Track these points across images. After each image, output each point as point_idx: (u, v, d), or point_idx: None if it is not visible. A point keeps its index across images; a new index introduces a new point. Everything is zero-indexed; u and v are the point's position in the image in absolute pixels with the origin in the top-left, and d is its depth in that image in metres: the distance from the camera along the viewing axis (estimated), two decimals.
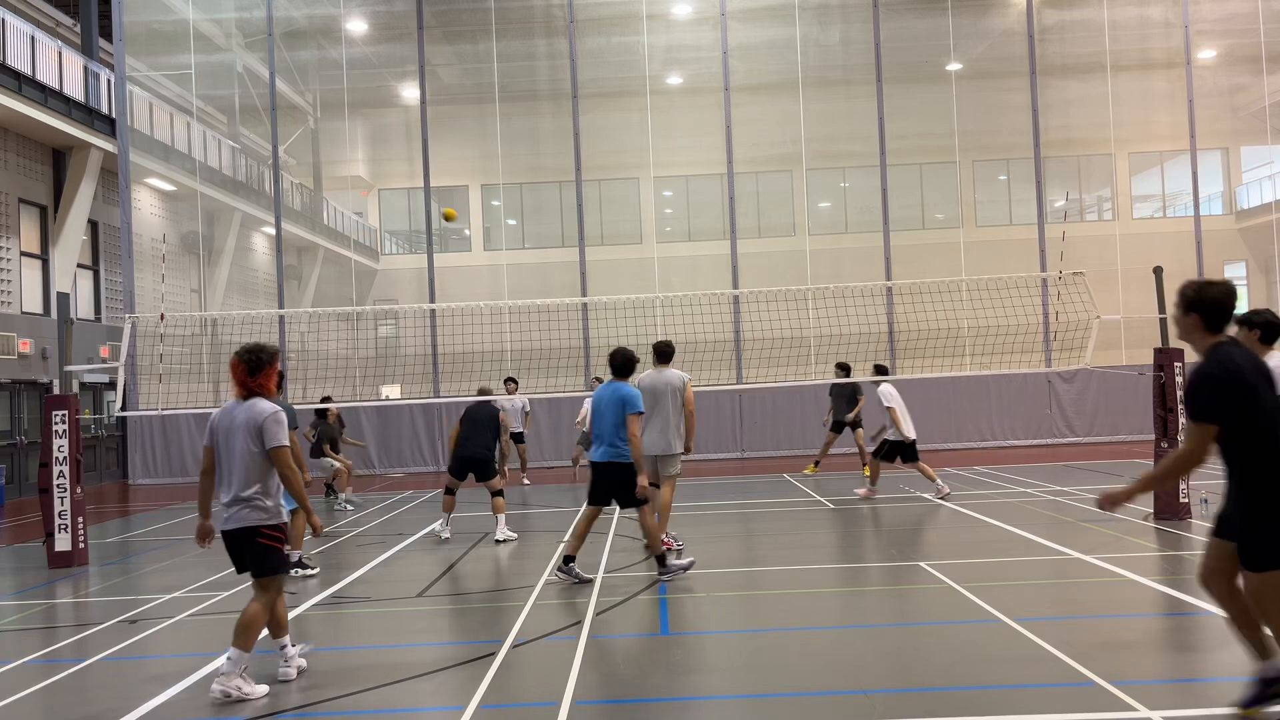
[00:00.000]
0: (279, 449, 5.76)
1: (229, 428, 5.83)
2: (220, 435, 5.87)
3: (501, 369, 18.44)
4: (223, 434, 5.85)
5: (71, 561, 10.73)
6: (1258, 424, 4.37)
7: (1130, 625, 6.78)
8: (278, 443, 5.76)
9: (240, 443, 5.77)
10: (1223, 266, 25.03)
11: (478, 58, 24.82)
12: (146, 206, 23.84)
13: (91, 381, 22.32)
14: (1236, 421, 4.37)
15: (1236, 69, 24.81)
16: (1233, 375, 4.37)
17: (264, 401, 5.88)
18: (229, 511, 5.82)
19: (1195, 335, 4.61)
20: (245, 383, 5.88)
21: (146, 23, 23.55)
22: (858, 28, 23.97)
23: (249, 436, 5.75)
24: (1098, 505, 4.76)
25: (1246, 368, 4.41)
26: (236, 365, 5.90)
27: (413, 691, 5.88)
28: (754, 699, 5.40)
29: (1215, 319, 4.55)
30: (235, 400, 5.95)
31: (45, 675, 6.39)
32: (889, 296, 21.32)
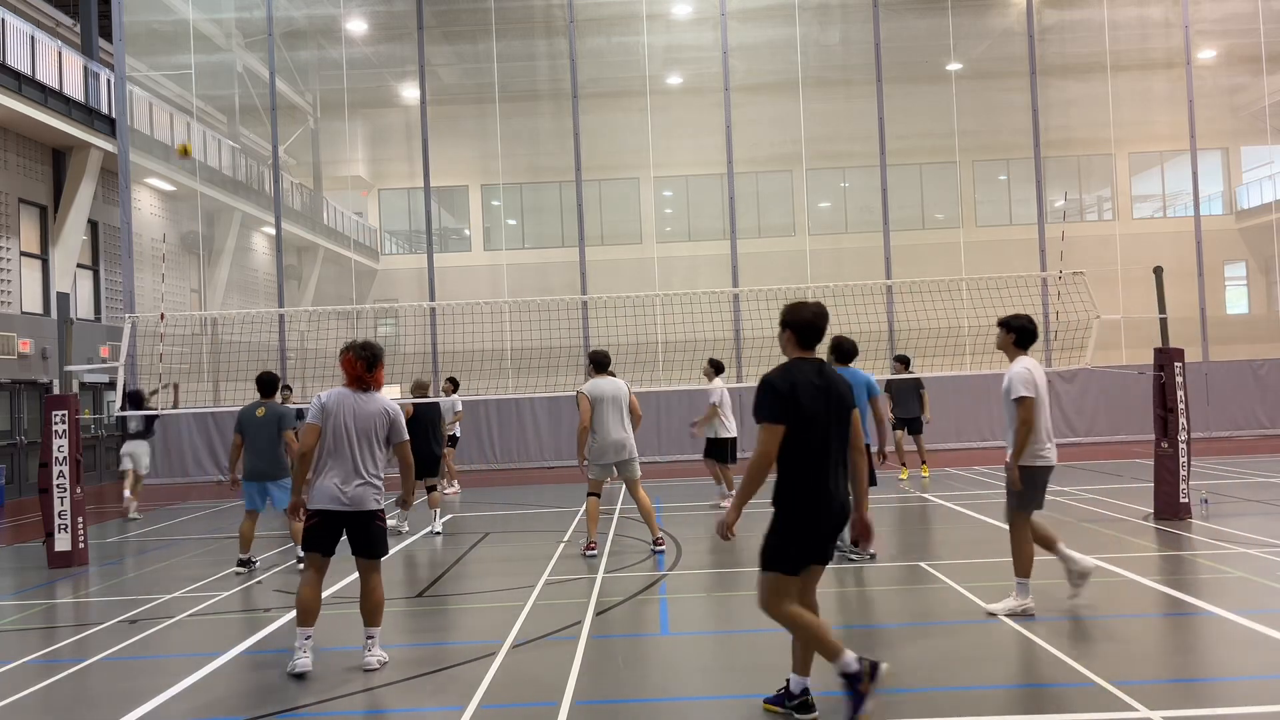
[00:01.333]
0: (405, 443, 6.38)
1: (353, 413, 6.18)
2: (343, 419, 6.16)
3: (501, 368, 18.44)
4: (346, 418, 6.16)
5: (71, 561, 10.73)
6: (796, 438, 4.80)
7: (1130, 625, 6.78)
8: (403, 437, 6.36)
9: (370, 429, 6.18)
10: (1223, 266, 25.04)
11: (478, 58, 24.82)
12: (146, 206, 23.84)
13: (91, 381, 22.32)
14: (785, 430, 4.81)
15: (1236, 69, 24.81)
16: (783, 388, 4.82)
17: (385, 397, 6.35)
18: (349, 491, 6.07)
19: (789, 349, 5.09)
20: (363, 377, 6.29)
21: (146, 23, 23.54)
22: (858, 28, 23.96)
23: (380, 425, 6.22)
24: (719, 536, 5.09)
25: (802, 384, 4.83)
26: (353, 360, 6.30)
27: (413, 691, 5.88)
28: (754, 699, 5.39)
29: (806, 336, 5.02)
30: (348, 389, 6.29)
31: (45, 675, 6.39)
32: (889, 296, 21.32)
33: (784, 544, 4.89)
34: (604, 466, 9.92)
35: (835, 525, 4.94)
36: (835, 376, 5.00)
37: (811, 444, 4.82)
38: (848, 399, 4.99)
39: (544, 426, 21.84)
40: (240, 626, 7.56)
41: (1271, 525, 10.26)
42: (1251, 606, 6.91)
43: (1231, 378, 22.45)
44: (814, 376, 4.90)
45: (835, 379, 4.98)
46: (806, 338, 5.03)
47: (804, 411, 4.80)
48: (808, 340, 5.03)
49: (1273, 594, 7.39)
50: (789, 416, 4.79)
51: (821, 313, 5.06)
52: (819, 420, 4.84)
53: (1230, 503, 12.01)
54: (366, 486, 6.14)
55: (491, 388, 17.95)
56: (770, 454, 4.80)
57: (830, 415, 4.89)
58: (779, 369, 4.96)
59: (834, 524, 4.93)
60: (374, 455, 6.20)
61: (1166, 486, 10.86)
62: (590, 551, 9.89)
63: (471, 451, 21.46)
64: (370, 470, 6.17)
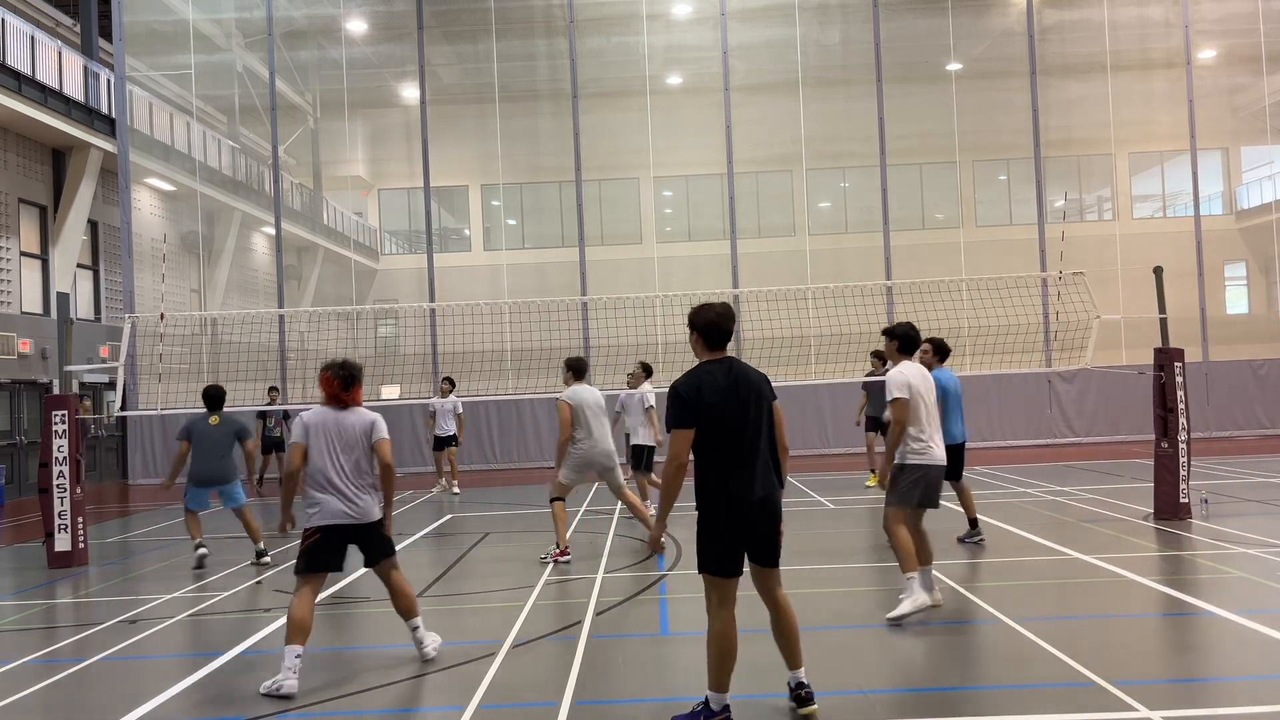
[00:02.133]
0: (385, 441, 6.36)
1: (336, 429, 6.24)
2: (327, 437, 6.22)
3: (501, 368, 18.45)
4: (330, 435, 6.22)
5: (71, 561, 10.72)
6: (705, 441, 4.87)
7: (1130, 625, 6.78)
8: (383, 435, 6.36)
9: (355, 442, 6.24)
10: (1223, 266, 25.04)
11: (478, 58, 24.82)
12: (146, 206, 23.84)
13: (91, 381, 22.32)
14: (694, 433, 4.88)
15: (1236, 69, 24.81)
16: (687, 393, 4.87)
17: (365, 410, 6.41)
18: (357, 505, 6.16)
19: (697, 350, 5.10)
20: (339, 395, 6.32)
21: (146, 23, 23.54)
22: (858, 28, 23.96)
23: (364, 435, 6.27)
24: (651, 549, 5.42)
25: (708, 386, 4.88)
26: (330, 379, 6.32)
27: (413, 691, 5.88)
28: (753, 699, 5.40)
29: (711, 337, 5.04)
30: (328, 407, 6.33)
31: (45, 675, 6.39)
32: (889, 296, 21.30)
33: (706, 545, 4.96)
34: (581, 473, 9.74)
35: (758, 523, 4.93)
36: (746, 375, 4.97)
37: (721, 444, 4.85)
38: (765, 394, 4.99)
39: (544, 427, 21.83)
40: (240, 626, 7.56)
41: (1271, 525, 10.26)
42: (1251, 606, 6.91)
43: (1231, 378, 22.45)
44: (721, 378, 4.91)
45: (745, 377, 4.96)
46: (712, 338, 5.03)
47: (711, 413, 4.83)
48: (714, 341, 5.03)
49: (1273, 594, 7.39)
50: (696, 419, 4.83)
51: (726, 313, 5.07)
52: (729, 421, 4.85)
53: (1230, 503, 12.01)
54: (368, 497, 6.23)
55: (491, 388, 17.95)
56: (680, 458, 4.85)
57: (743, 414, 4.88)
58: (686, 374, 4.99)
59: (755, 522, 4.92)
60: (366, 466, 6.28)
61: (1166, 486, 10.85)
62: (564, 558, 9.60)
63: (471, 451, 21.45)
64: (368, 481, 6.27)
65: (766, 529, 4.95)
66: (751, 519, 4.90)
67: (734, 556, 4.93)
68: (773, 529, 4.97)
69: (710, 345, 5.05)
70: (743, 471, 4.88)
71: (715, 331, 5.02)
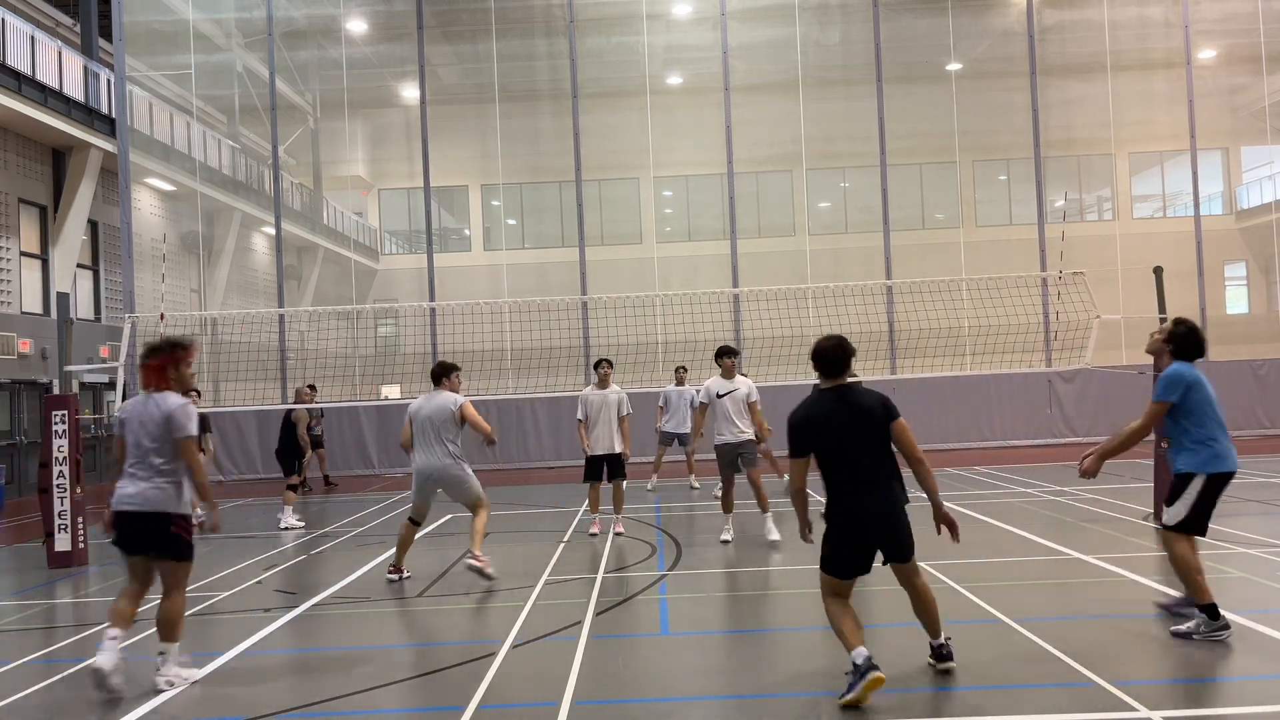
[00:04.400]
0: (184, 439, 5.99)
1: (139, 418, 6.03)
2: (132, 425, 6.05)
3: (501, 368, 18.46)
4: (134, 424, 6.04)
5: (71, 561, 10.73)
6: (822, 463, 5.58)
7: (1130, 625, 6.77)
8: (183, 433, 5.99)
9: (152, 431, 5.99)
10: (1223, 266, 25.04)
11: (478, 58, 24.83)
12: (146, 206, 23.83)
13: (91, 381, 22.32)
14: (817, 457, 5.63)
15: (1236, 69, 24.82)
16: (798, 421, 5.54)
17: (177, 397, 6.11)
18: (139, 493, 5.92)
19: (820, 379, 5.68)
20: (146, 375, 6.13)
21: (146, 23, 23.54)
22: (858, 28, 23.96)
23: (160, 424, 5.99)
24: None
25: (814, 415, 5.51)
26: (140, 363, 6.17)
27: (413, 691, 5.88)
28: (754, 699, 5.40)
29: (824, 367, 5.61)
30: (143, 395, 6.14)
31: (45, 675, 6.39)
32: (889, 296, 21.31)
33: (824, 548, 5.57)
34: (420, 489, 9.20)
35: (877, 534, 5.52)
36: (859, 400, 5.56)
37: (832, 466, 5.50)
38: (877, 416, 5.55)
39: (544, 427, 21.83)
40: (240, 626, 7.55)
41: (1271, 525, 10.26)
42: (1251, 606, 6.90)
43: (1231, 378, 22.43)
44: (829, 405, 5.53)
45: (858, 402, 5.56)
46: (825, 368, 5.62)
47: (819, 439, 5.50)
48: (827, 370, 5.61)
49: (1273, 594, 7.39)
50: (806, 448, 5.53)
51: (835, 345, 5.64)
52: (835, 445, 5.49)
53: (1230, 503, 12.00)
54: (155, 488, 5.93)
55: (491, 388, 17.94)
56: (796, 483, 5.60)
57: (847, 438, 5.50)
58: (801, 403, 5.65)
59: (873, 533, 5.52)
60: (158, 457, 5.95)
61: (1166, 487, 10.83)
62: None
63: (472, 451, 21.43)
64: (157, 472, 5.94)
65: (888, 536, 5.46)
66: (868, 531, 5.44)
67: (841, 561, 5.47)
68: (896, 535, 5.47)
69: (825, 374, 5.60)
70: (856, 489, 5.42)
71: (823, 362, 5.59)
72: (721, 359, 10.59)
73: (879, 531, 5.45)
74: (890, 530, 5.45)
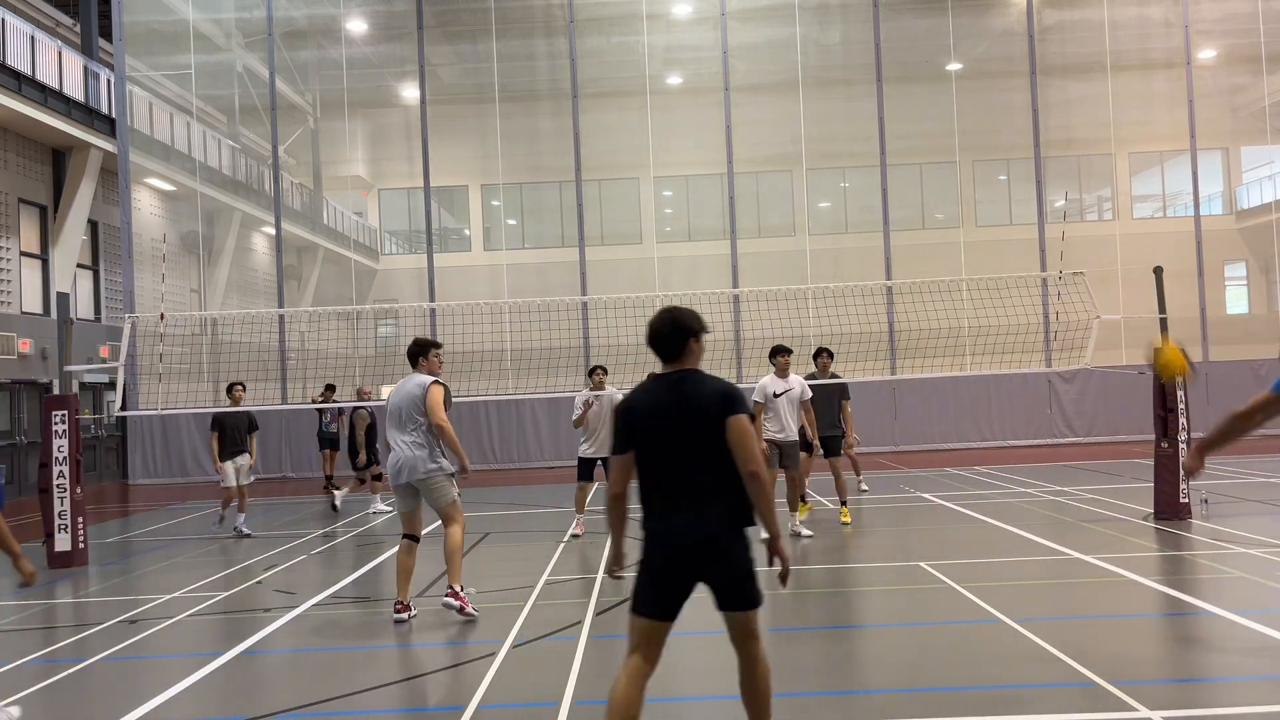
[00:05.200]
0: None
1: None
2: None
3: (501, 369, 18.44)
4: None
5: (71, 561, 10.72)
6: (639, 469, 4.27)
7: (1130, 625, 6.78)
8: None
9: None
10: (1223, 266, 25.03)
11: (478, 58, 24.82)
12: (146, 206, 23.83)
13: (91, 381, 22.31)
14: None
15: (1236, 69, 24.81)
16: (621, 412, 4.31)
17: None
18: None
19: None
20: None
21: (146, 23, 23.54)
22: (858, 28, 23.96)
23: None
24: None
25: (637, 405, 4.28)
26: None
27: (413, 691, 5.88)
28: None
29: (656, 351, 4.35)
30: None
31: (45, 675, 6.39)
32: (889, 296, 21.31)
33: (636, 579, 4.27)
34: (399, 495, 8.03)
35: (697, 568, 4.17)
36: (696, 389, 4.21)
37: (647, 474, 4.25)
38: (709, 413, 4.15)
39: (544, 427, 21.83)
40: (240, 626, 7.55)
41: (1271, 525, 10.26)
42: (1251, 606, 6.91)
43: (1231, 378, 22.43)
44: (661, 394, 4.25)
45: (694, 392, 4.21)
46: (657, 353, 4.35)
47: (639, 436, 4.23)
48: (660, 355, 4.34)
49: (1273, 594, 7.39)
50: (625, 444, 4.26)
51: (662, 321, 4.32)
52: (657, 445, 4.20)
53: (1230, 503, 12.01)
54: None
55: (491, 388, 17.93)
56: (615, 488, 4.31)
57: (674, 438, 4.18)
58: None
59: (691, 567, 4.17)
60: None
61: (1166, 486, 10.86)
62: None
63: (472, 452, 21.45)
64: None
65: (712, 570, 4.11)
66: (680, 561, 4.10)
67: (645, 595, 4.16)
68: (724, 570, 4.12)
69: (660, 357, 4.33)
70: (674, 503, 4.13)
71: (653, 340, 4.32)
72: (776, 357, 10.46)
73: (697, 562, 4.09)
74: (713, 562, 4.10)
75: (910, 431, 22.23)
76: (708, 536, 4.09)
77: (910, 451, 21.78)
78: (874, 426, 21.44)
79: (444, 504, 7.37)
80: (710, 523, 4.10)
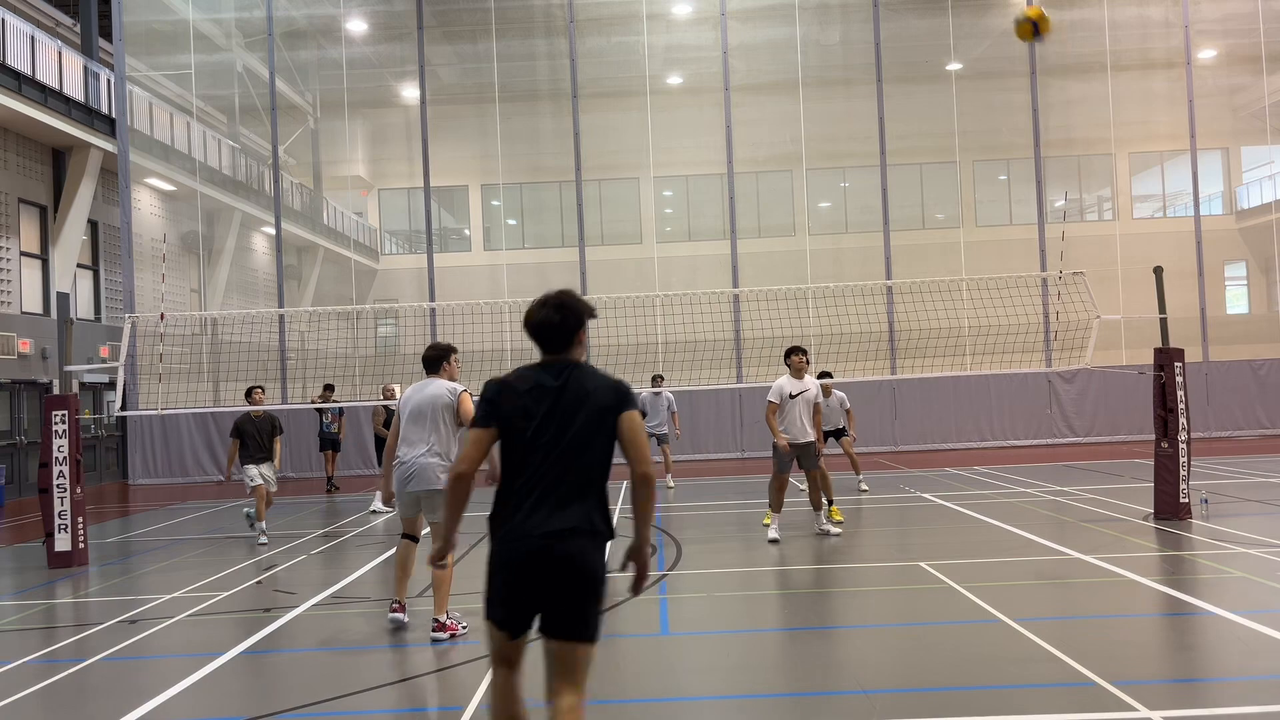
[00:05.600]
0: None
1: None
2: None
3: (501, 369, 18.44)
4: None
5: (71, 561, 10.72)
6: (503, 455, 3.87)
7: (1130, 625, 6.78)
8: None
9: None
10: (1223, 266, 25.04)
11: (478, 58, 24.83)
12: (146, 206, 23.84)
13: (91, 381, 22.32)
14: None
15: (1236, 69, 24.81)
16: (492, 388, 3.91)
17: None
18: None
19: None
20: None
21: (146, 23, 23.55)
22: (858, 28, 23.97)
23: None
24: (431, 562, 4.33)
25: (515, 382, 3.89)
26: None
27: (413, 691, 5.88)
28: (754, 699, 5.39)
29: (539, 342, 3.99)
30: None
31: (45, 675, 6.39)
32: (889, 296, 21.32)
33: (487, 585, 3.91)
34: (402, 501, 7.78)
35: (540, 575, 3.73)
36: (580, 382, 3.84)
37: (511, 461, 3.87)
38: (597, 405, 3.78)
39: None
40: (240, 626, 7.55)
41: (1271, 525, 10.26)
42: (1251, 606, 6.91)
43: (1231, 378, 22.46)
44: (545, 378, 3.87)
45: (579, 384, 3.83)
46: (540, 343, 3.99)
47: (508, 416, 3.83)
48: (543, 347, 3.98)
49: (1273, 594, 7.39)
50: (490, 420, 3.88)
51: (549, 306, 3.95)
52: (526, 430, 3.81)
53: (1230, 503, 12.01)
54: None
55: None
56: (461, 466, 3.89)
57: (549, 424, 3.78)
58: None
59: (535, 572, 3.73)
60: None
61: (1166, 486, 10.86)
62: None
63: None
64: None
65: (552, 585, 3.66)
66: (525, 569, 3.67)
67: (498, 606, 3.77)
68: (566, 588, 3.66)
69: (542, 349, 3.93)
70: (534, 502, 3.70)
71: (533, 330, 3.94)
72: (791, 357, 10.30)
73: (540, 574, 3.64)
74: (557, 576, 3.64)
75: (910, 431, 22.24)
76: (559, 533, 3.65)
77: (910, 451, 21.78)
78: (874, 426, 21.46)
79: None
80: (567, 520, 3.67)
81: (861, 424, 17.09)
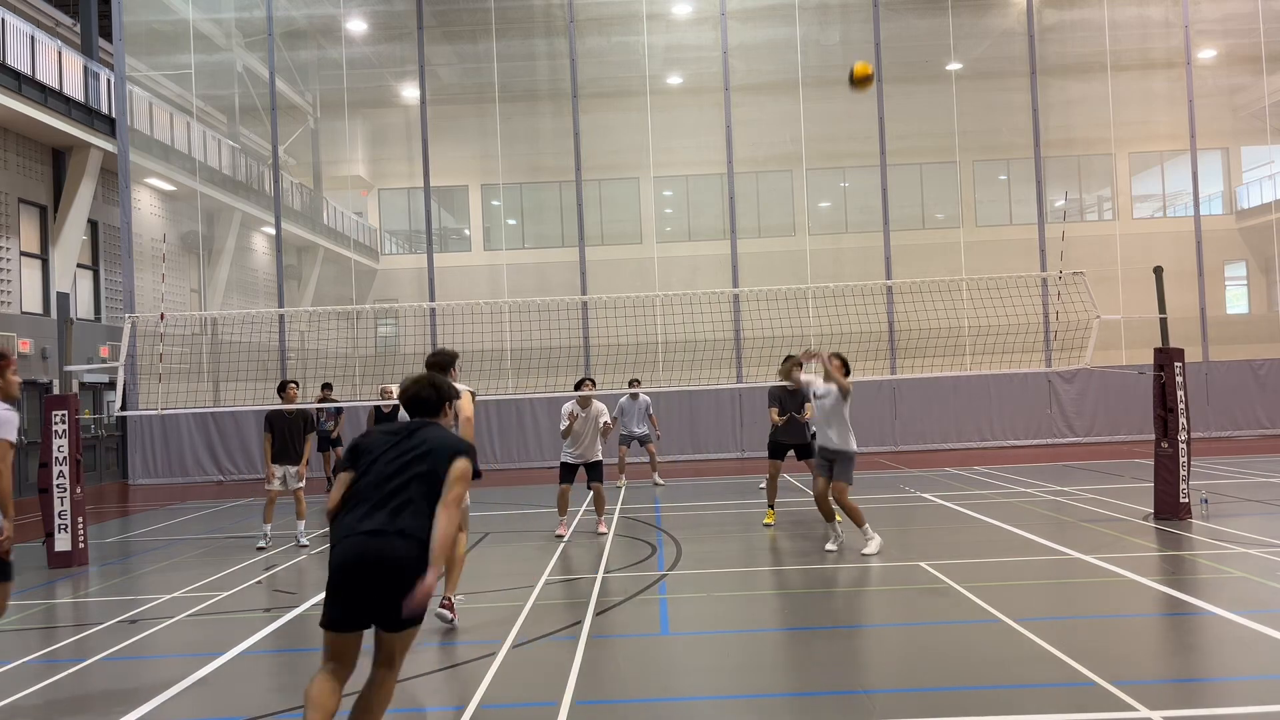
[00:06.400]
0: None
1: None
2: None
3: (501, 368, 18.45)
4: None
5: (71, 561, 10.73)
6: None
7: (1130, 625, 6.78)
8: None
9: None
10: (1223, 266, 25.04)
11: (478, 58, 24.82)
12: (146, 206, 23.84)
13: (91, 381, 22.32)
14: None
15: (1236, 69, 24.81)
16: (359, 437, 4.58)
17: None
18: None
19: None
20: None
21: (146, 23, 23.55)
22: (858, 28, 23.96)
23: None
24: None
25: (374, 432, 4.57)
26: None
27: (413, 691, 5.88)
28: (754, 699, 5.39)
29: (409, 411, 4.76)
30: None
31: (45, 675, 6.39)
32: (889, 296, 21.32)
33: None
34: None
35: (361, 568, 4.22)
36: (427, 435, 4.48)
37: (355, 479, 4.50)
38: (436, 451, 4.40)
39: (544, 426, 21.83)
40: (240, 626, 7.55)
41: (1271, 525, 10.26)
42: (1251, 606, 6.91)
43: (1231, 378, 22.46)
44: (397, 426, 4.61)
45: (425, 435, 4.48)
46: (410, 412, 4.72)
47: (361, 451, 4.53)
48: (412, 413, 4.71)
49: (1273, 594, 7.39)
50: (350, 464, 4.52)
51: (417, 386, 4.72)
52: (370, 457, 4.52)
53: (1230, 503, 12.02)
54: None
55: (491, 388, 17.94)
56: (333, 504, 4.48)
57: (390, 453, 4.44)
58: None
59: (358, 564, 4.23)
60: None
61: (1166, 486, 10.86)
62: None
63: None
64: None
65: (379, 582, 4.11)
66: (354, 566, 4.12)
67: (328, 604, 4.24)
68: (392, 585, 4.11)
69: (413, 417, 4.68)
70: (371, 505, 4.23)
71: (412, 406, 4.67)
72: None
73: (369, 570, 4.10)
74: (384, 575, 4.10)
75: (910, 431, 22.25)
76: (384, 532, 4.13)
77: (910, 451, 21.78)
78: (874, 426, 21.46)
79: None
80: (395, 523, 4.16)
81: (861, 424, 17.07)
